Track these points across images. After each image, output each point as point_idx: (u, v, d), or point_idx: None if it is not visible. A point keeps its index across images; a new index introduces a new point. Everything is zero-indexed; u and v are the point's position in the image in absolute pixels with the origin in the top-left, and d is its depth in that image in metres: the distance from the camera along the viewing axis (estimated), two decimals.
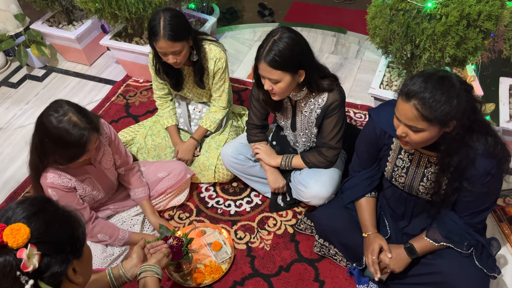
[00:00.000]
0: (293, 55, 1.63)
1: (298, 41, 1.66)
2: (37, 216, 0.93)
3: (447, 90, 1.28)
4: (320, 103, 1.81)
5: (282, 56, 1.61)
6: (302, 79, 1.71)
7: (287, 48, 1.61)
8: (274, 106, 1.93)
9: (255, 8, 3.83)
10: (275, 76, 1.65)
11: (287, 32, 1.64)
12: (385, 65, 2.55)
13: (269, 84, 1.69)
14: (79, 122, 1.55)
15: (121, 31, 2.96)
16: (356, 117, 2.67)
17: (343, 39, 3.37)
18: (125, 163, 1.98)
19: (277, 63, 1.62)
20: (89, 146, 1.60)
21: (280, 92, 1.71)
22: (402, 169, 1.61)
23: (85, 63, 3.24)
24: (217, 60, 2.12)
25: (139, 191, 2.03)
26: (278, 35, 1.63)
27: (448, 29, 1.91)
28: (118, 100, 2.92)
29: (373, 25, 2.16)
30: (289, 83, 1.68)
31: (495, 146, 1.40)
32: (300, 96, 1.81)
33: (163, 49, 1.93)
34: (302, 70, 1.68)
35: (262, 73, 1.68)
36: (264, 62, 1.63)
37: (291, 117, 1.95)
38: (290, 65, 1.65)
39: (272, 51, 1.61)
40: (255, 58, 1.69)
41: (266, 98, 1.86)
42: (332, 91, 1.78)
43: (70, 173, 1.75)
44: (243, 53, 3.27)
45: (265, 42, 1.65)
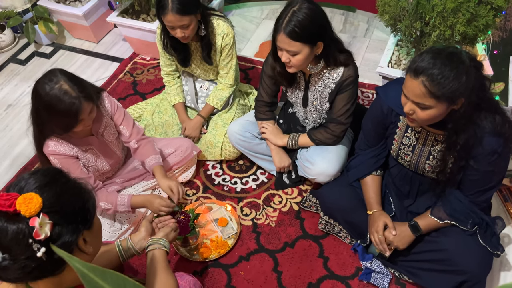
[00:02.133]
0: (312, 26, 1.61)
1: (318, 11, 1.64)
2: (49, 186, 0.95)
3: (456, 66, 1.27)
4: (335, 77, 1.80)
5: (302, 27, 1.59)
6: (320, 51, 1.70)
7: (307, 18, 1.59)
8: (288, 80, 1.91)
9: None
10: (294, 47, 1.63)
11: (307, 2, 1.62)
12: (393, 43, 2.52)
13: (286, 56, 1.68)
14: (70, 90, 1.55)
15: (128, 8, 2.94)
16: (363, 96, 2.66)
17: (352, 17, 3.32)
18: (135, 133, 1.95)
19: (296, 34, 1.60)
20: (81, 115, 1.60)
21: (297, 64, 1.70)
22: (409, 147, 1.61)
23: (93, 40, 3.24)
24: (224, 36, 2.11)
25: (153, 157, 1.95)
26: (298, 6, 1.61)
27: (459, 5, 1.87)
28: (125, 77, 2.92)
29: (383, 2, 2.13)
30: (307, 55, 1.67)
31: (503, 125, 1.39)
32: (317, 69, 1.79)
33: (171, 22, 1.92)
34: (321, 42, 1.67)
35: (280, 45, 1.66)
36: (284, 34, 1.61)
37: (303, 92, 1.94)
38: (310, 36, 1.63)
39: (292, 22, 1.59)
40: (273, 30, 1.67)
41: (281, 70, 1.84)
42: (348, 66, 1.77)
43: (72, 142, 1.77)
44: (250, 31, 3.24)
45: (283, 13, 1.63)
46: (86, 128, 1.72)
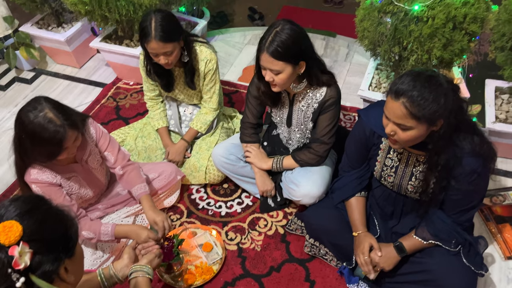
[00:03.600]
0: (295, 45, 1.66)
1: (300, 32, 1.69)
2: (30, 214, 0.93)
3: (435, 89, 1.31)
4: (318, 97, 1.84)
5: (284, 46, 1.64)
6: (303, 70, 1.74)
7: (289, 39, 1.64)
8: (272, 99, 1.94)
9: (245, 12, 3.86)
10: (277, 66, 1.67)
11: (289, 24, 1.67)
12: (373, 67, 2.59)
13: (270, 75, 1.71)
14: (55, 118, 1.53)
15: (111, 34, 2.96)
16: (345, 119, 2.70)
17: (333, 42, 3.41)
18: (120, 159, 1.91)
19: (279, 53, 1.64)
20: (66, 144, 1.57)
21: (281, 83, 1.73)
22: (391, 169, 1.64)
23: (75, 65, 3.23)
24: (207, 61, 2.14)
25: (140, 186, 1.91)
26: (280, 27, 1.66)
27: (434, 31, 1.94)
28: (108, 102, 2.91)
29: (362, 27, 2.19)
30: (290, 74, 1.71)
31: (481, 145, 1.42)
32: (300, 88, 1.82)
33: (155, 49, 1.93)
34: (303, 61, 1.72)
35: (264, 64, 1.70)
36: (267, 53, 1.66)
37: (287, 112, 1.97)
38: (292, 55, 1.67)
39: (275, 42, 1.64)
40: (257, 50, 1.71)
41: (266, 89, 1.87)
42: (331, 86, 1.82)
43: (55, 170, 1.74)
44: (233, 56, 3.29)
45: (267, 33, 1.67)
46: (70, 156, 1.69)
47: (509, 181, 2.31)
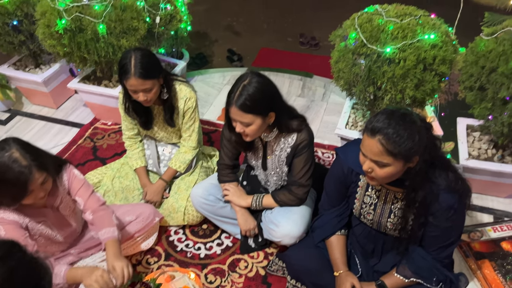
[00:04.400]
0: (263, 98, 1.68)
1: (267, 84, 1.71)
2: (2, 261, 0.89)
3: (409, 126, 1.34)
4: (290, 142, 1.85)
5: (252, 100, 1.65)
6: (273, 120, 1.76)
7: (257, 92, 1.66)
8: (245, 147, 1.95)
9: (224, 53, 3.94)
10: (246, 119, 1.69)
11: (256, 76, 1.69)
12: (350, 106, 2.65)
13: (240, 126, 1.73)
14: (21, 159, 1.48)
15: (90, 74, 2.96)
16: (324, 156, 2.73)
17: (310, 82, 3.49)
18: (91, 204, 1.82)
19: (247, 107, 1.66)
20: (31, 186, 1.51)
21: (251, 134, 1.75)
22: (370, 206, 1.64)
23: (52, 106, 3.20)
24: (187, 100, 2.15)
25: (107, 230, 1.77)
26: (248, 80, 1.67)
27: (406, 72, 2.02)
28: (85, 143, 2.87)
29: (337, 68, 2.26)
30: (260, 125, 1.72)
31: (456, 182, 1.45)
32: (271, 137, 1.85)
33: (134, 86, 1.94)
34: (272, 112, 1.73)
35: (233, 116, 1.72)
36: (235, 107, 1.67)
37: (262, 156, 1.98)
38: (261, 108, 1.69)
39: (243, 95, 1.65)
40: (225, 103, 1.73)
41: (238, 139, 1.88)
42: (301, 131, 1.83)
43: (24, 213, 1.65)
44: (212, 96, 3.32)
45: (235, 87, 1.69)
46: (39, 201, 1.61)
47: (485, 216, 2.35)
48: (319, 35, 4.11)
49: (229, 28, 4.40)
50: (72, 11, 2.41)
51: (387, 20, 2.08)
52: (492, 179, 2.33)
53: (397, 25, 2.05)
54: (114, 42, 2.52)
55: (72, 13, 2.41)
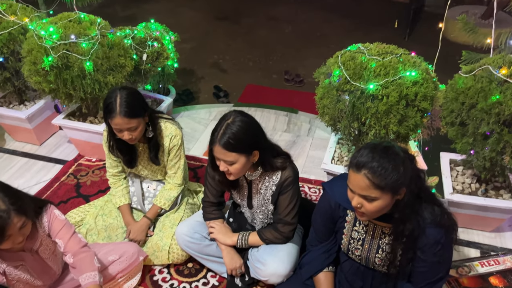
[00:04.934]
0: (246, 137, 1.68)
1: (251, 123, 1.72)
2: None
3: (393, 158, 1.36)
4: (275, 180, 1.85)
5: (236, 138, 1.65)
6: (257, 159, 1.76)
7: (240, 130, 1.66)
8: (230, 185, 1.94)
9: (210, 90, 3.99)
10: (230, 158, 1.68)
11: (240, 115, 1.70)
12: (335, 141, 2.68)
13: (224, 165, 1.72)
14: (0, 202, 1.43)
15: (75, 111, 2.95)
16: (311, 192, 2.72)
17: (295, 118, 3.53)
18: (72, 246, 1.75)
19: (231, 145, 1.66)
20: (9, 231, 1.45)
21: (235, 173, 1.74)
22: (358, 241, 1.63)
23: (35, 142, 3.16)
24: (172, 137, 2.14)
25: (89, 275, 1.73)
26: (231, 119, 1.68)
27: (389, 108, 2.06)
28: (68, 179, 2.81)
29: (322, 104, 2.29)
30: (244, 164, 1.71)
31: (442, 216, 1.46)
32: (255, 175, 1.84)
33: (119, 125, 1.93)
34: (256, 150, 1.73)
35: (217, 155, 1.71)
36: (219, 145, 1.67)
37: (247, 195, 1.96)
38: (244, 146, 1.69)
39: (226, 134, 1.65)
40: (209, 142, 1.72)
41: (221, 178, 1.87)
42: (285, 168, 1.83)
43: (1, 257, 1.59)
44: (199, 132, 3.33)
45: (218, 125, 1.69)
46: (17, 246, 1.54)
47: (472, 251, 2.34)
48: (303, 72, 4.20)
49: (216, 65, 4.48)
50: (59, 49, 2.43)
51: (370, 58, 2.14)
52: (477, 213, 2.35)
53: (379, 62, 2.11)
54: (100, 78, 2.53)
55: (59, 50, 2.42)
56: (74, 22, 2.55)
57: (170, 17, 5.11)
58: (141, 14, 5.29)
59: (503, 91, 1.93)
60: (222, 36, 5.03)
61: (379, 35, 2.82)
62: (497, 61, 2.04)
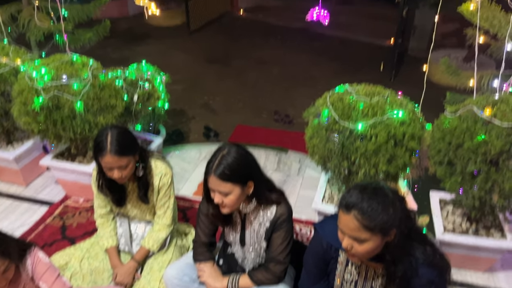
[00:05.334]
0: (241, 167, 1.70)
1: (246, 154, 1.75)
2: None
3: (382, 199, 1.36)
4: (269, 216, 1.83)
5: (231, 168, 1.67)
6: (251, 190, 1.76)
7: (235, 161, 1.69)
8: (223, 220, 1.91)
9: (200, 130, 4.01)
10: (225, 188, 1.68)
11: (235, 147, 1.74)
12: (325, 181, 2.68)
13: (219, 197, 1.71)
14: None
15: (63, 151, 2.93)
16: (302, 232, 2.69)
17: (285, 157, 3.55)
18: None
19: (226, 175, 1.67)
20: None
21: (230, 205, 1.73)
22: (351, 283, 1.60)
23: (21, 183, 3.10)
24: (162, 176, 2.13)
25: None
26: (226, 150, 1.71)
27: (378, 147, 2.09)
28: (54, 222, 2.75)
29: (312, 144, 2.32)
30: (239, 195, 1.71)
31: (434, 256, 1.45)
32: (249, 208, 1.83)
33: (109, 163, 1.92)
34: (251, 181, 1.74)
35: (212, 186, 1.71)
36: (214, 175, 1.68)
37: (240, 231, 1.93)
38: (239, 176, 1.70)
39: (222, 164, 1.67)
40: (204, 172, 1.73)
41: (215, 212, 1.85)
42: (280, 204, 1.83)
43: None
44: (189, 172, 3.31)
45: (214, 157, 1.71)
46: None
47: None
48: (293, 113, 4.26)
49: (206, 106, 4.53)
50: (50, 90, 2.44)
51: (357, 99, 2.19)
52: (469, 253, 2.33)
53: (366, 103, 2.16)
54: (91, 119, 2.54)
55: (50, 91, 2.44)
56: (66, 63, 2.58)
57: (162, 59, 5.20)
58: (132, 56, 5.39)
59: (488, 131, 1.97)
60: (212, 78, 5.13)
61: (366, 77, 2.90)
62: (481, 102, 2.10)
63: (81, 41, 3.35)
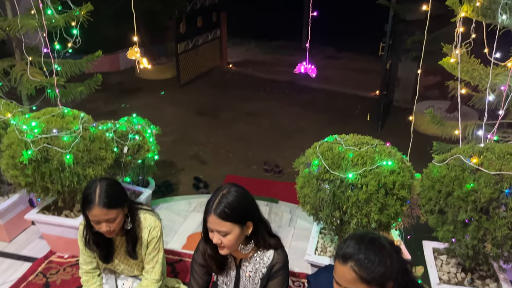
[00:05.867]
0: (241, 207, 1.70)
1: (245, 194, 1.76)
2: None
3: (379, 251, 1.34)
4: (266, 261, 1.81)
5: (231, 207, 1.67)
6: (250, 231, 1.75)
7: (235, 200, 1.69)
8: (218, 265, 1.87)
9: (190, 181, 3.98)
10: (224, 228, 1.67)
11: (234, 186, 1.75)
12: (317, 231, 2.65)
13: (218, 237, 1.70)
14: None
15: (50, 205, 2.87)
16: (295, 285, 2.61)
17: (276, 208, 3.52)
18: None
19: (226, 214, 1.67)
20: None
21: (229, 245, 1.71)
22: None
23: (5, 239, 3.00)
24: (151, 229, 2.08)
25: None
26: (226, 190, 1.72)
27: (369, 196, 2.09)
28: (36, 279, 2.64)
29: (303, 194, 2.31)
30: (238, 235, 1.70)
31: None
32: (247, 249, 1.81)
33: (97, 216, 1.88)
34: (250, 221, 1.74)
35: (211, 226, 1.70)
36: (214, 215, 1.67)
37: (234, 278, 1.88)
38: (239, 216, 1.70)
39: (222, 203, 1.68)
40: (204, 212, 1.73)
41: (213, 253, 1.82)
42: (278, 249, 1.82)
43: None
44: (178, 224, 3.25)
45: (213, 196, 1.72)
46: None
47: None
48: (282, 163, 4.28)
49: (196, 157, 4.53)
50: (39, 142, 2.43)
51: (347, 148, 2.22)
52: None
53: (356, 152, 2.18)
54: (80, 171, 2.51)
55: (40, 144, 2.42)
56: (57, 116, 2.59)
57: (152, 112, 5.27)
58: (123, 109, 5.45)
59: (476, 179, 2.00)
60: (202, 130, 5.18)
61: (353, 128, 2.96)
62: (467, 150, 2.14)
63: (73, 95, 3.38)
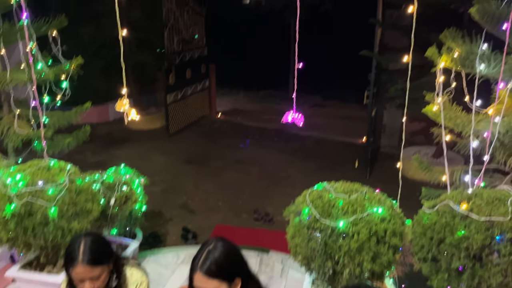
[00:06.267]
0: (228, 263, 1.65)
1: (233, 249, 1.71)
2: None
3: None
4: None
5: (218, 264, 1.61)
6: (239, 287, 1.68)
7: (222, 256, 1.64)
8: None
9: (178, 231, 3.90)
10: (211, 285, 1.61)
11: (221, 241, 1.69)
12: (310, 282, 2.57)
13: None
14: None
15: (32, 260, 2.76)
16: None
17: (267, 258, 3.43)
18: None
19: (213, 272, 1.61)
20: None
21: None
22: None
23: None
24: (138, 285, 2.00)
25: None
26: (213, 245, 1.66)
27: (361, 245, 2.06)
28: None
29: (294, 243, 2.27)
30: None
31: None
32: None
33: (80, 274, 1.79)
34: (239, 278, 1.68)
35: (197, 284, 1.63)
36: (200, 272, 1.61)
37: None
38: (227, 273, 1.64)
39: (208, 260, 1.62)
40: (190, 270, 1.66)
41: None
42: None
43: None
44: (165, 277, 3.13)
45: (199, 252, 1.66)
46: None
47: None
48: (272, 211, 4.23)
49: (184, 206, 4.46)
50: (24, 196, 2.38)
51: (336, 196, 2.21)
52: None
53: (346, 200, 2.17)
54: (64, 225, 2.44)
55: (24, 197, 2.37)
56: (43, 169, 2.55)
57: (140, 162, 5.24)
58: (111, 159, 5.41)
59: (467, 225, 1.99)
60: (191, 178, 5.14)
61: (342, 175, 2.96)
62: (456, 196, 2.14)
63: (60, 147, 3.35)
